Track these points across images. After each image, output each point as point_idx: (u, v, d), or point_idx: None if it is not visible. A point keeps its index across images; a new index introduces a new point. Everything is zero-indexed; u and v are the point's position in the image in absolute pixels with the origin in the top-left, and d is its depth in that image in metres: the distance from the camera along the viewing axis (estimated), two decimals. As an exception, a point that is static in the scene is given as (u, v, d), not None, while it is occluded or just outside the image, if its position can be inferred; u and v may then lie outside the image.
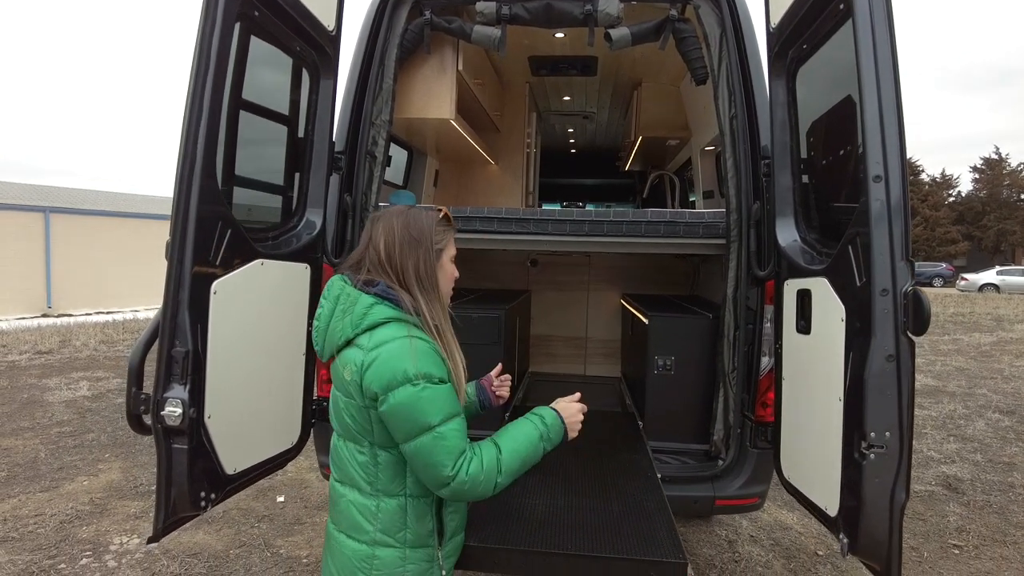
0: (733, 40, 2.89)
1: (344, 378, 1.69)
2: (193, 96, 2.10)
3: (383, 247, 1.74)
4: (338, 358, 1.73)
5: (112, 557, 3.81)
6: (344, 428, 1.75)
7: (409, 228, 1.76)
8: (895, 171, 1.89)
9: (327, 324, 1.74)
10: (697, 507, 2.93)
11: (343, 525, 1.77)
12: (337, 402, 1.76)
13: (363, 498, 1.73)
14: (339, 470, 1.80)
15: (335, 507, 1.80)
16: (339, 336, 1.70)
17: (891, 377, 1.87)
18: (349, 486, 1.76)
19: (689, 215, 3.02)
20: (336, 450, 1.82)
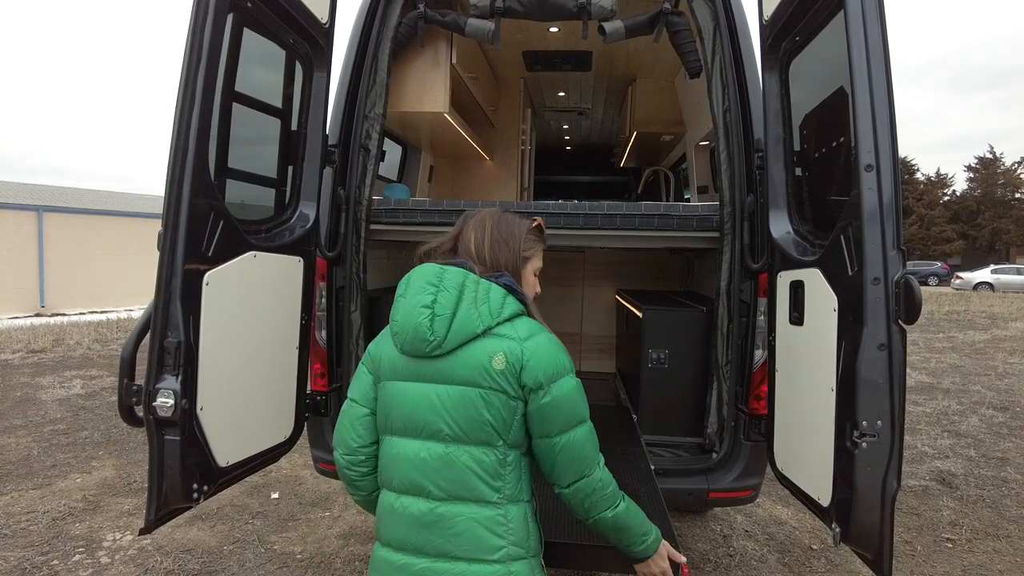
0: (727, 33, 2.90)
1: (492, 368, 1.54)
2: (185, 87, 2.09)
3: (473, 240, 1.72)
4: (469, 349, 1.57)
5: (105, 553, 3.79)
6: (466, 428, 1.55)
7: (500, 230, 1.74)
8: (886, 160, 1.89)
9: (453, 312, 1.57)
10: (691, 500, 2.93)
11: (461, 551, 1.53)
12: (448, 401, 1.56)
13: (488, 510, 1.55)
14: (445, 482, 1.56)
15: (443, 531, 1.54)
16: (476, 325, 1.56)
17: (883, 366, 1.87)
18: (465, 501, 1.55)
19: (683, 208, 3.03)
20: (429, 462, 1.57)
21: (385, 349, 1.70)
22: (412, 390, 1.60)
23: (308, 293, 2.90)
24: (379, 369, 1.71)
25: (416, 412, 1.59)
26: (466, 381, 1.56)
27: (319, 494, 4.75)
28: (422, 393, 1.59)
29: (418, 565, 1.56)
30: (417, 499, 1.58)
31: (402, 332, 1.61)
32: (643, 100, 5.14)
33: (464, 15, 3.19)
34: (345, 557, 3.82)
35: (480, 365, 1.55)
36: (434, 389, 1.58)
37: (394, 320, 1.65)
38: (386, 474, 1.66)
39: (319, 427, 3.08)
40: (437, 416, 1.57)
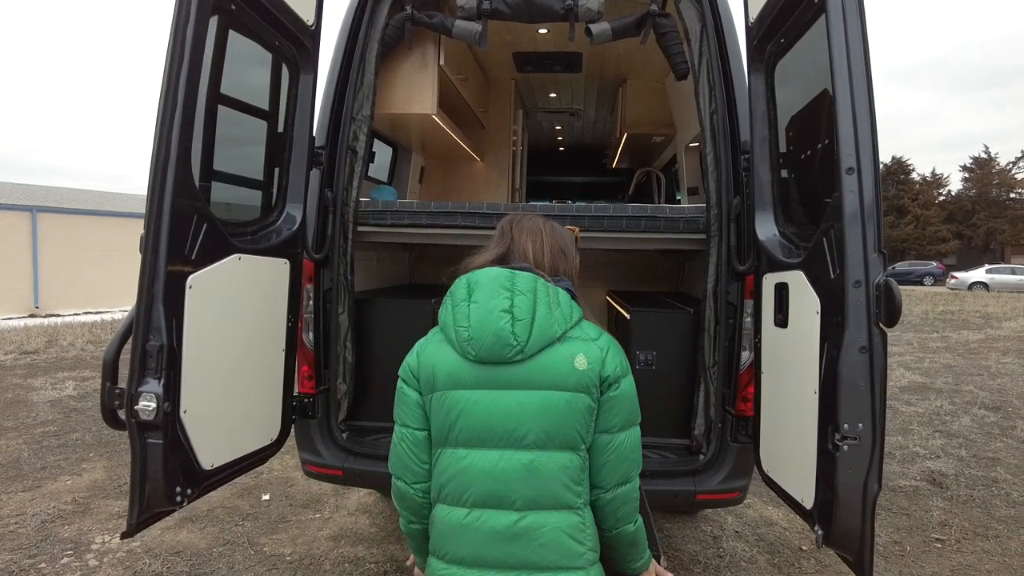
0: (714, 35, 2.90)
1: (577, 369, 1.52)
2: (167, 90, 2.09)
3: (531, 249, 1.71)
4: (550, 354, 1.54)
5: (93, 556, 3.78)
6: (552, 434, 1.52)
7: (556, 239, 1.76)
8: (867, 163, 1.90)
9: (532, 316, 1.54)
10: (678, 501, 2.93)
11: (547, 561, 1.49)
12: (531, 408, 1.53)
13: (573, 516, 1.53)
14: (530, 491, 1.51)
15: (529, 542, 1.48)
16: (555, 329, 1.55)
17: (864, 369, 1.87)
18: (552, 509, 1.51)
19: (670, 210, 3.03)
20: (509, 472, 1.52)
21: (439, 358, 1.61)
22: (485, 398, 1.54)
23: (295, 295, 2.90)
24: (432, 380, 1.61)
25: (493, 421, 1.53)
26: (551, 385, 1.52)
27: (310, 495, 4.74)
28: (499, 401, 1.53)
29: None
30: (498, 511, 1.51)
31: (478, 338, 1.53)
32: (633, 101, 5.14)
33: (451, 17, 3.19)
34: (335, 559, 3.82)
35: (564, 369, 1.53)
36: (513, 396, 1.53)
37: (463, 326, 1.56)
38: (453, 488, 1.56)
39: (306, 429, 3.07)
40: (519, 423, 1.52)
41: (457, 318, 1.58)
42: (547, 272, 1.68)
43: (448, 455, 1.58)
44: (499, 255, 1.71)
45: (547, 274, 1.67)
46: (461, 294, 1.61)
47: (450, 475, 1.57)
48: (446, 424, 1.57)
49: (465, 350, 1.55)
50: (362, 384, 3.24)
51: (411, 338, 3.20)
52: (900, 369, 9.97)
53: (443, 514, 1.58)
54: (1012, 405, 7.75)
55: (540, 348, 1.53)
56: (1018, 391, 8.52)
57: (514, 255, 1.71)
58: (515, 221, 1.78)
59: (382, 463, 3.02)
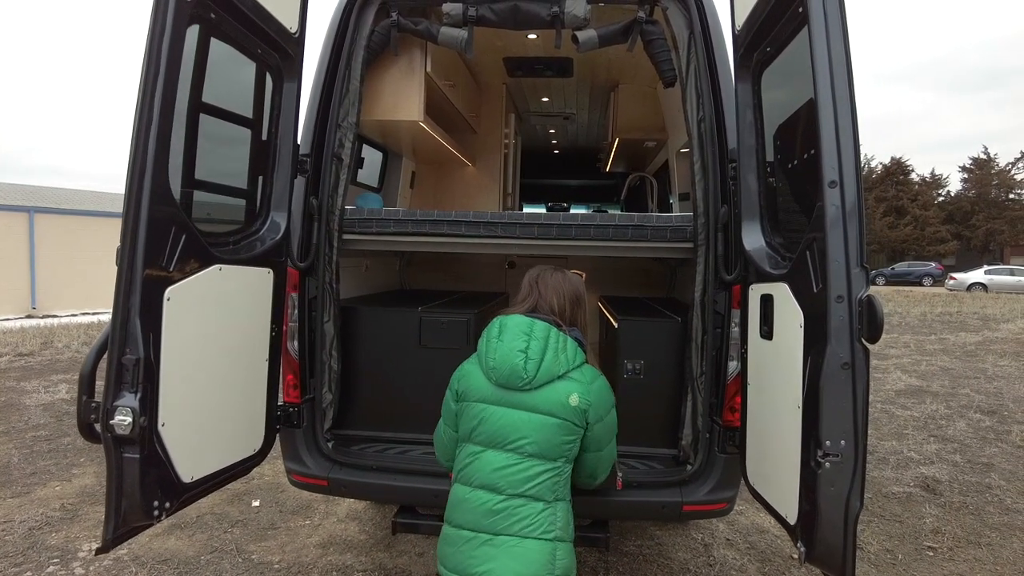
0: (701, 42, 2.87)
1: (569, 404, 2.04)
2: (143, 99, 2.07)
3: (556, 302, 2.23)
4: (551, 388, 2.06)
5: (80, 564, 3.76)
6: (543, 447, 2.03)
7: (574, 291, 2.29)
8: (850, 176, 1.88)
9: (541, 357, 2.07)
10: (665, 512, 2.91)
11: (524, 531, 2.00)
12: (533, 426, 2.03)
13: (544, 506, 2.03)
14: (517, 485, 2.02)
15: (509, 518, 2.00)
16: (557, 369, 2.07)
17: (846, 385, 1.86)
18: (528, 498, 2.02)
19: (656, 219, 3.01)
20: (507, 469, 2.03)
21: (472, 378, 2.17)
22: (500, 413, 2.07)
23: (279, 304, 2.88)
24: (465, 393, 2.17)
25: (503, 430, 2.05)
26: (548, 412, 2.04)
27: (300, 502, 4.72)
28: (510, 416, 2.05)
29: (484, 538, 2.01)
30: (491, 494, 2.03)
31: (499, 368, 2.08)
32: (625, 106, 5.12)
33: (437, 23, 3.17)
34: (323, 567, 3.80)
35: (560, 401, 2.04)
36: (520, 414, 2.05)
37: (491, 358, 2.10)
38: (466, 473, 2.10)
39: (291, 439, 3.05)
40: (522, 435, 2.03)
41: (488, 350, 2.13)
42: (566, 321, 2.21)
43: (469, 448, 2.12)
44: (530, 307, 2.22)
45: (565, 323, 2.20)
46: (494, 332, 2.15)
47: (467, 463, 2.11)
48: (470, 426, 2.12)
49: (490, 375, 2.11)
50: (348, 393, 3.21)
51: (398, 346, 3.21)
52: (897, 372, 9.95)
53: (456, 491, 2.13)
54: (1008, 409, 7.73)
55: (545, 382, 2.05)
56: (1014, 395, 8.50)
57: (542, 308, 2.21)
58: (540, 277, 2.29)
59: (368, 473, 3.02)
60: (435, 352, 3.15)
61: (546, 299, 2.22)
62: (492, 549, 2.00)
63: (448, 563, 2.07)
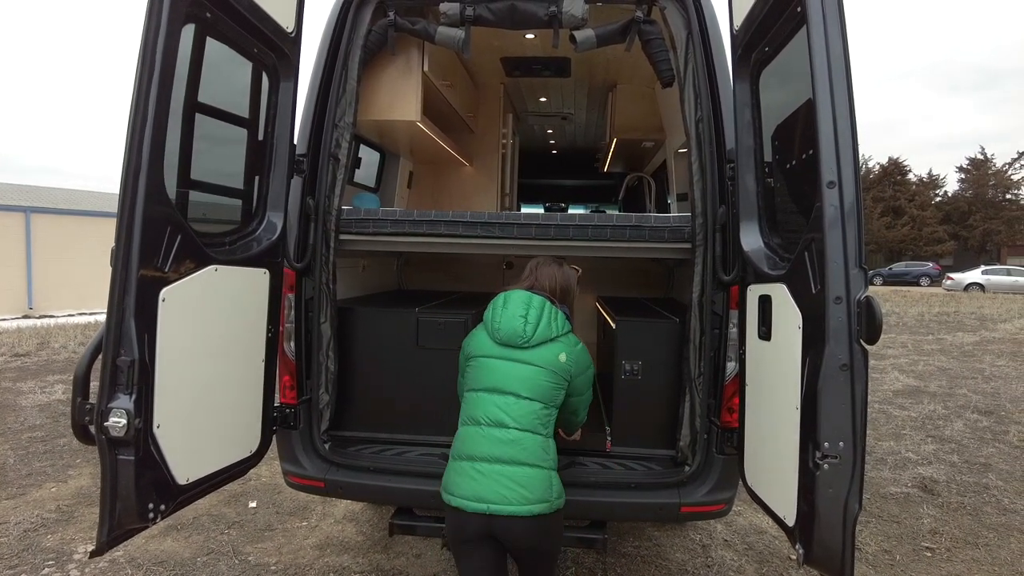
0: (699, 42, 2.86)
1: (558, 361, 2.49)
2: (137, 99, 2.05)
3: (548, 285, 2.68)
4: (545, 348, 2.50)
5: (75, 566, 3.74)
6: (536, 393, 2.45)
7: (566, 280, 2.75)
8: (848, 177, 1.87)
9: (537, 322, 2.51)
10: (663, 514, 2.90)
11: (529, 461, 2.37)
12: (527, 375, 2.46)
13: (542, 439, 2.44)
14: (523, 423, 2.42)
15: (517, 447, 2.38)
16: (551, 333, 2.52)
17: (845, 386, 1.85)
18: (528, 432, 2.41)
19: (654, 219, 2.99)
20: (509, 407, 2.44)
21: (479, 338, 2.61)
22: (503, 365, 2.49)
23: (275, 305, 2.86)
24: (472, 352, 2.60)
25: (505, 378, 2.47)
26: (541, 365, 2.48)
27: (297, 503, 4.71)
28: (510, 367, 2.48)
29: (496, 467, 2.36)
30: (500, 429, 2.41)
31: (503, 330, 2.52)
32: (623, 106, 5.11)
33: (434, 23, 3.15)
34: (320, 568, 3.78)
35: (550, 359, 2.49)
36: (518, 367, 2.47)
37: (496, 321, 2.55)
38: (476, 414, 2.47)
39: (288, 440, 3.03)
40: (519, 383, 2.45)
41: (494, 316, 2.57)
42: (557, 299, 2.67)
43: (476, 395, 2.51)
44: (529, 285, 2.69)
45: (557, 299, 2.67)
46: (499, 303, 2.61)
47: (475, 407, 2.49)
48: (476, 377, 2.54)
49: (495, 336, 2.54)
50: (345, 394, 3.20)
51: (395, 347, 3.20)
52: (894, 372, 9.96)
53: (465, 430, 2.49)
54: (1005, 409, 7.74)
55: (539, 343, 2.51)
56: (1011, 395, 8.51)
57: (538, 287, 2.68)
58: (539, 265, 2.74)
59: (364, 474, 3.01)
60: (433, 353, 3.14)
61: (540, 281, 2.68)
62: (503, 477, 2.34)
63: (459, 491, 2.38)
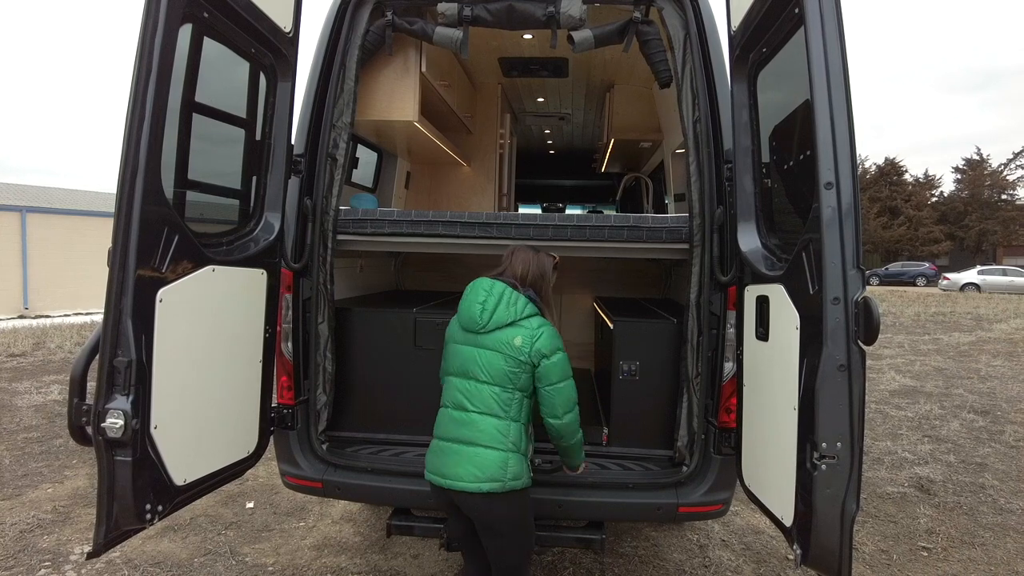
0: (697, 43, 2.87)
1: (514, 344, 2.50)
2: (135, 99, 2.05)
3: (520, 271, 2.66)
4: (501, 332, 2.52)
5: (72, 568, 3.73)
6: (493, 376, 2.51)
7: (539, 266, 2.70)
8: (846, 178, 1.87)
9: (494, 308, 2.54)
10: (660, 514, 2.90)
11: (484, 442, 2.48)
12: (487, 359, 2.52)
13: (498, 421, 2.49)
14: (480, 405, 2.52)
15: (475, 431, 2.49)
16: (506, 318, 2.52)
17: (843, 387, 1.85)
18: (484, 415, 2.50)
19: (652, 220, 3.00)
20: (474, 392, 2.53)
21: (452, 327, 2.70)
22: (465, 350, 2.58)
23: (272, 305, 2.86)
24: (446, 340, 2.71)
25: (466, 363, 2.56)
26: (495, 349, 2.52)
27: (295, 503, 4.70)
28: (470, 352, 2.56)
29: (455, 447, 2.51)
30: (460, 412, 2.54)
31: (463, 316, 2.59)
32: (620, 107, 5.11)
33: (432, 23, 3.15)
34: (318, 569, 3.78)
35: (506, 342, 2.51)
36: (477, 351, 2.54)
37: (460, 308, 2.62)
38: (444, 396, 2.65)
39: (285, 441, 3.03)
40: (477, 366, 2.53)
41: (461, 303, 2.64)
42: (527, 283, 2.66)
43: (446, 379, 2.67)
44: (498, 272, 2.69)
45: (525, 284, 2.65)
46: (467, 291, 2.66)
47: (445, 390, 2.65)
48: (447, 362, 2.67)
49: (460, 322, 2.63)
50: (342, 394, 3.20)
51: (393, 347, 3.20)
52: (891, 372, 9.98)
53: (439, 413, 2.65)
54: (1001, 409, 7.76)
55: (495, 328, 2.53)
56: (1007, 395, 8.53)
57: (507, 273, 2.67)
58: (515, 251, 2.73)
59: (362, 475, 3.01)
60: (430, 353, 3.13)
61: (513, 267, 2.68)
62: (459, 456, 2.49)
63: (431, 467, 2.58)
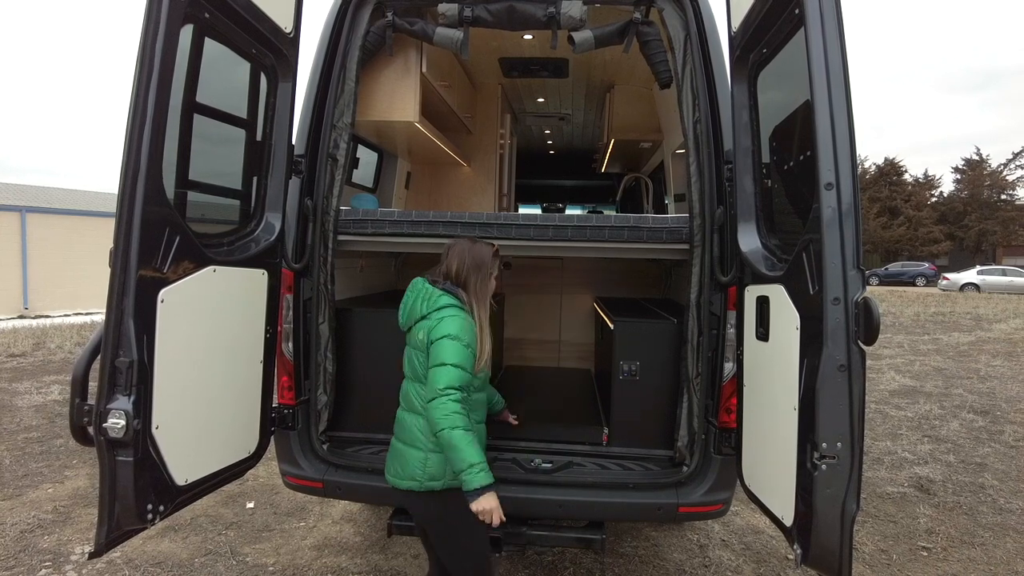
0: (697, 44, 2.87)
1: (419, 339, 2.49)
2: (136, 99, 2.05)
3: (454, 268, 2.58)
4: (416, 328, 2.53)
5: (72, 568, 3.73)
6: (414, 374, 2.53)
7: (474, 258, 2.60)
8: (846, 178, 1.88)
9: (411, 306, 2.57)
10: (660, 514, 2.90)
11: (408, 440, 2.51)
12: (411, 357, 2.56)
13: (420, 420, 2.48)
14: (407, 403, 2.56)
15: (403, 429, 2.55)
16: (418, 313, 2.52)
17: (843, 387, 1.86)
18: (414, 414, 2.52)
19: (652, 220, 3.00)
20: (405, 390, 2.59)
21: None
22: (405, 350, 2.63)
23: (273, 306, 2.87)
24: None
25: (405, 362, 2.62)
26: (413, 346, 2.57)
27: (295, 503, 4.70)
28: (406, 352, 2.62)
29: (393, 443, 2.60)
30: (399, 410, 2.62)
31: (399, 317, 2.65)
32: (621, 107, 5.11)
33: (433, 24, 3.15)
34: (318, 569, 3.78)
35: (420, 336, 2.51)
36: (407, 349, 2.61)
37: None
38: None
39: (286, 441, 3.03)
40: (406, 365, 2.60)
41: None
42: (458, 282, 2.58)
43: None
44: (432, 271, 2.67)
45: (456, 281, 2.58)
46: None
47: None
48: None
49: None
50: (343, 394, 3.20)
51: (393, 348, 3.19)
52: (890, 372, 9.99)
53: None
54: (1001, 409, 7.76)
55: (413, 323, 2.56)
56: (1007, 395, 8.54)
57: (440, 271, 2.63)
58: (452, 246, 2.66)
59: (363, 475, 3.01)
60: None
61: (448, 263, 2.62)
62: (393, 453, 2.58)
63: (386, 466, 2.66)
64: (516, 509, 2.89)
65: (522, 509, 2.87)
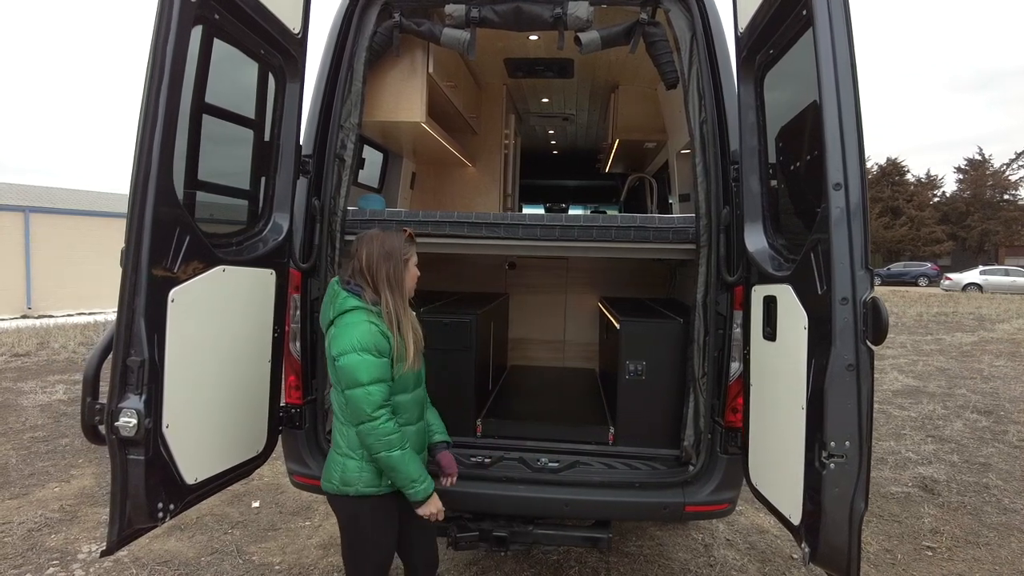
0: (703, 44, 2.88)
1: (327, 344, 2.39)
2: (148, 100, 2.06)
3: (364, 260, 2.41)
4: (328, 332, 2.41)
5: (80, 566, 3.75)
6: (333, 379, 2.41)
7: (384, 246, 2.43)
8: (854, 178, 1.88)
9: (323, 310, 2.47)
10: (666, 513, 2.91)
11: (334, 444, 2.48)
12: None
13: (340, 425, 2.44)
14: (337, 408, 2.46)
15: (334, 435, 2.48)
16: (327, 318, 2.42)
17: (851, 386, 1.87)
18: (337, 418, 2.46)
19: (659, 220, 3.01)
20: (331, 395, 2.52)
21: None
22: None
23: (281, 306, 2.88)
24: None
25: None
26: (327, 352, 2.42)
27: (300, 503, 4.72)
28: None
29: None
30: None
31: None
32: (625, 107, 5.12)
33: (440, 25, 3.16)
34: (324, 568, 3.79)
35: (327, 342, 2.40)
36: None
37: None
38: None
39: (293, 440, 3.04)
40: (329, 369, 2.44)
41: None
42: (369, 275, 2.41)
43: None
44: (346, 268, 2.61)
45: (368, 272, 2.41)
46: None
47: None
48: None
49: None
50: None
51: None
52: (894, 372, 9.99)
53: None
54: (1004, 409, 7.76)
55: (326, 328, 2.44)
56: (1010, 395, 8.54)
57: (352, 267, 2.48)
58: (361, 237, 2.51)
59: (369, 474, 3.01)
60: (437, 353, 3.14)
61: (356, 257, 2.47)
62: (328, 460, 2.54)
63: None
64: (522, 508, 2.91)
65: (528, 508, 2.88)
